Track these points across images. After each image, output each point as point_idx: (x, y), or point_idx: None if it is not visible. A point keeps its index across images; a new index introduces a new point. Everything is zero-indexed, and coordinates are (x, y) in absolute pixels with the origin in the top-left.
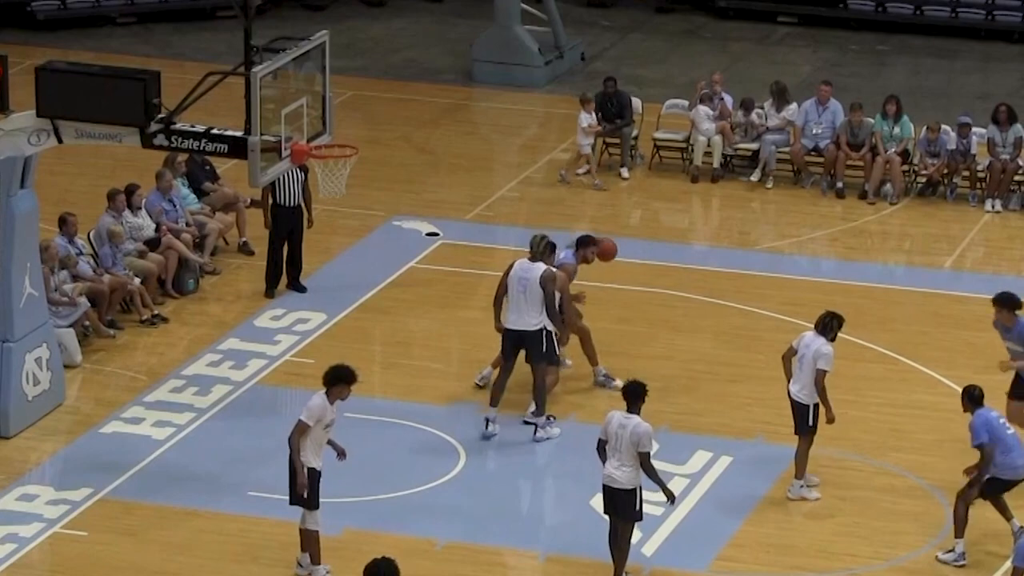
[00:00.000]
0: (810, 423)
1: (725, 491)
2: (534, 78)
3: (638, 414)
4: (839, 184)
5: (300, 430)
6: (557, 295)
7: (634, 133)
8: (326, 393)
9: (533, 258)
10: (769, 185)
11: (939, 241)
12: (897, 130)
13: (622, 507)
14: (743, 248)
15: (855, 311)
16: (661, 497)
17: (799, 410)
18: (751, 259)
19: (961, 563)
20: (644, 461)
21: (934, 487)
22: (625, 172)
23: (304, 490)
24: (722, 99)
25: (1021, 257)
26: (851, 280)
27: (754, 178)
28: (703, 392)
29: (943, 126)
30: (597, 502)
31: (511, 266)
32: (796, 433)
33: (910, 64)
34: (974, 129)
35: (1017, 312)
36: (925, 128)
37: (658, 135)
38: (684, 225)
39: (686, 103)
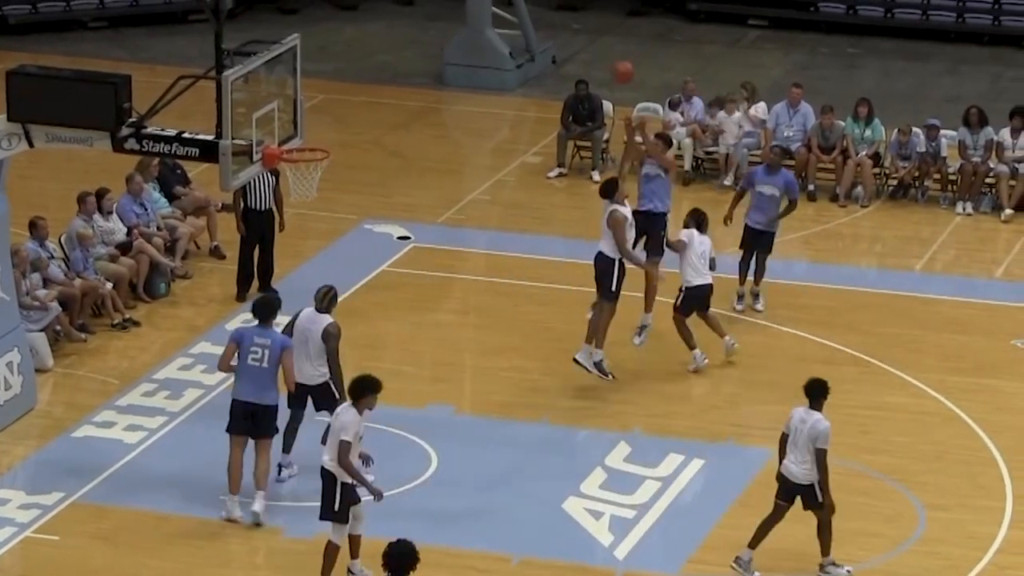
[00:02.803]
0: (819, 499)
1: (697, 494)
2: (505, 81)
3: (819, 411)
4: (810, 187)
5: (345, 450)
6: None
7: (605, 136)
8: (354, 405)
9: (318, 309)
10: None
11: (910, 243)
12: (868, 133)
13: (809, 500)
14: (715, 252)
15: (827, 313)
16: (632, 500)
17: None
18: (722, 262)
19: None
20: (820, 458)
21: (906, 488)
22: (596, 175)
23: (350, 504)
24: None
25: (992, 259)
26: (823, 282)
27: (727, 182)
28: (674, 394)
29: (914, 128)
30: (570, 504)
31: (297, 314)
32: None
33: (881, 67)
34: (945, 131)
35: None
36: (896, 131)
37: None
38: None
39: (658, 106)
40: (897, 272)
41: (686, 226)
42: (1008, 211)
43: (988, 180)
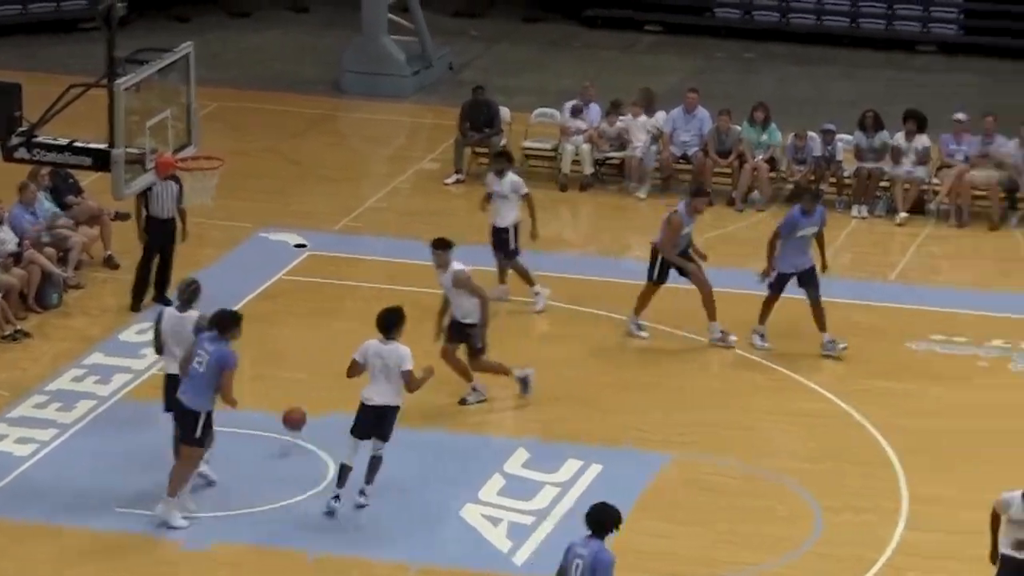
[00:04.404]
0: None
1: (596, 499)
2: (402, 88)
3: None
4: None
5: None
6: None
7: (502, 142)
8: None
9: (182, 303)
10: (643, 195)
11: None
12: (764, 137)
13: None
14: (613, 256)
15: (726, 320)
16: (530, 506)
17: None
18: (621, 267)
19: None
20: None
21: (804, 491)
22: None
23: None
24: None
25: (888, 263)
26: (721, 287)
27: (641, 194)
28: (573, 400)
29: (810, 133)
30: (468, 512)
31: (160, 317)
32: None
33: (777, 71)
34: (840, 135)
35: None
36: (792, 135)
37: (527, 144)
38: (553, 233)
39: (555, 112)
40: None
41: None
42: (903, 214)
43: (883, 184)
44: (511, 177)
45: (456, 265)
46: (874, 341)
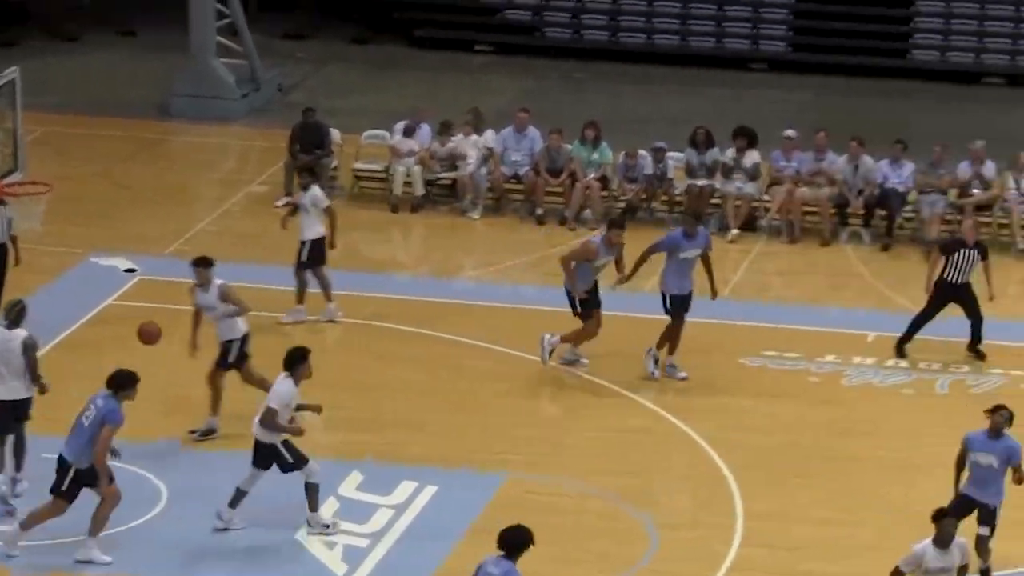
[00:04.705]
0: None
1: (432, 521)
2: (231, 111)
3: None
4: (539, 211)
5: (271, 415)
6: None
7: (333, 164)
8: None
9: (8, 323)
10: (476, 215)
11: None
12: (596, 156)
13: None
14: (445, 277)
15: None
16: (365, 529)
17: None
18: (453, 287)
19: None
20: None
21: (639, 509)
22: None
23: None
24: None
25: (720, 279)
26: (554, 306)
27: (474, 215)
28: (407, 421)
29: (640, 151)
30: (303, 535)
31: None
32: None
33: (607, 90)
34: (671, 153)
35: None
36: (623, 153)
37: (358, 165)
38: (385, 255)
39: (386, 133)
40: (628, 294)
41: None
42: (734, 231)
43: (714, 201)
44: (312, 191)
45: (219, 280)
46: (707, 357)
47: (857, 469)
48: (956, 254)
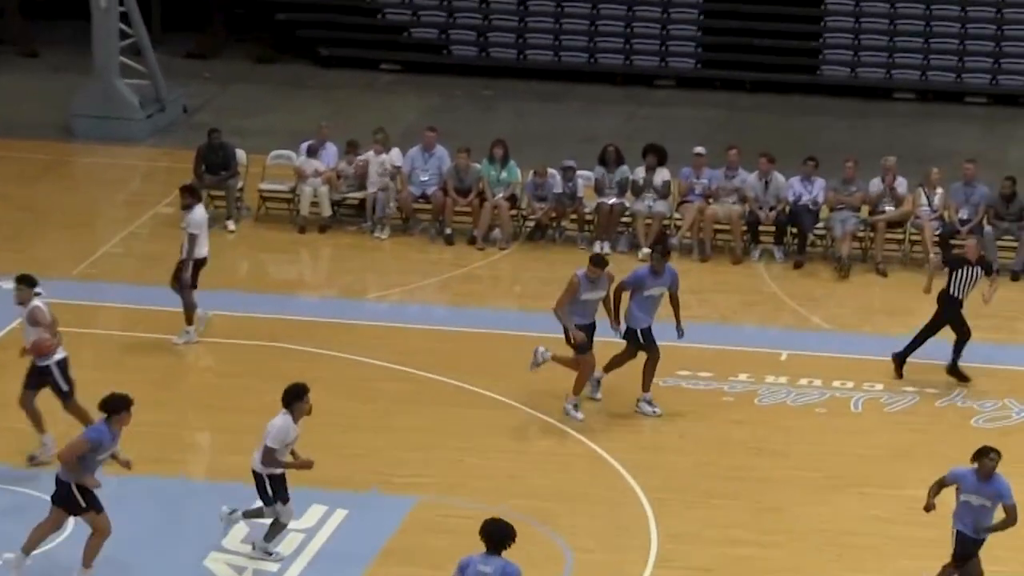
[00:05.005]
0: None
1: (342, 545)
2: (136, 131)
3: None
4: (448, 230)
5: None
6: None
7: (239, 185)
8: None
9: None
10: (384, 236)
11: (550, 285)
12: (504, 175)
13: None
14: (353, 298)
15: (469, 358)
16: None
17: None
18: (361, 309)
19: None
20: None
21: (552, 531)
22: (231, 224)
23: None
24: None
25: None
26: (463, 327)
27: (382, 235)
28: (317, 444)
29: (549, 169)
30: (212, 561)
31: None
32: None
33: (515, 108)
34: (581, 172)
35: None
36: (532, 172)
37: (264, 186)
38: (293, 276)
39: (292, 154)
40: (538, 314)
41: None
42: (645, 249)
43: (625, 219)
44: (190, 213)
45: (36, 302)
46: (620, 379)
47: (771, 489)
48: (960, 271)
